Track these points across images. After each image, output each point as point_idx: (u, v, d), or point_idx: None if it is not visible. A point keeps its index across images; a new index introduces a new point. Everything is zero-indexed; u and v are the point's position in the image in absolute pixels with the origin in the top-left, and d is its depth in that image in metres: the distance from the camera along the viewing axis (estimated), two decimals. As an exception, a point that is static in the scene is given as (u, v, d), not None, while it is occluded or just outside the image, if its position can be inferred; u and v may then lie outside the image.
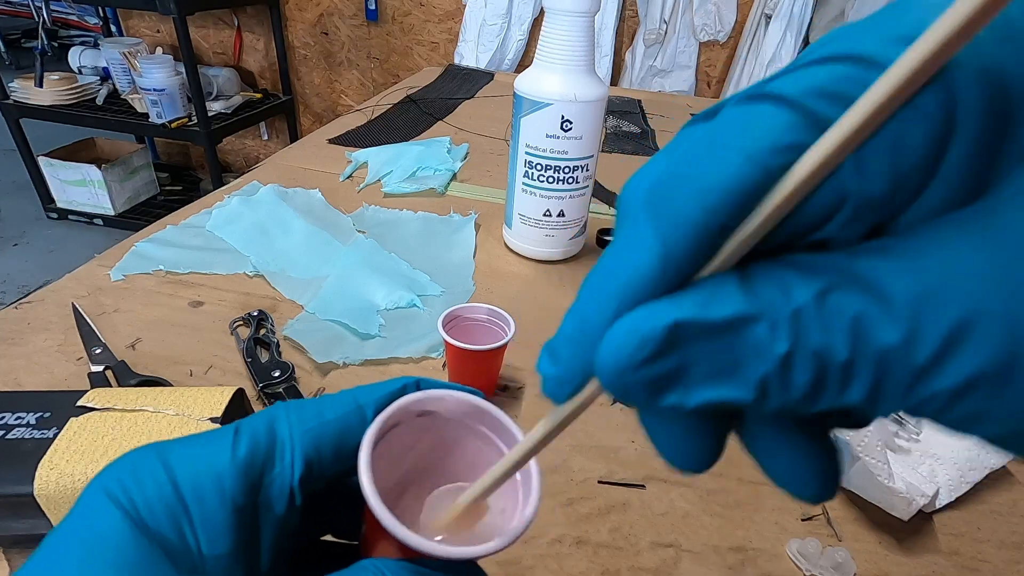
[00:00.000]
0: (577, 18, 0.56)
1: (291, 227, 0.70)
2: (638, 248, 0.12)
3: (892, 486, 0.39)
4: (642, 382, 0.12)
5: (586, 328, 0.13)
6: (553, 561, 0.38)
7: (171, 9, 1.76)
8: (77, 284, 0.59)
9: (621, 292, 0.12)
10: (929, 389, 0.10)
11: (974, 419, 0.10)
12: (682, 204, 0.11)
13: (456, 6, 2.15)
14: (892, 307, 0.10)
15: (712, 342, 0.11)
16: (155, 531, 0.16)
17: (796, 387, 0.11)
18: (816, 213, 0.11)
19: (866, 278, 0.10)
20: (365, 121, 1.10)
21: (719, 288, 0.11)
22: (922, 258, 0.10)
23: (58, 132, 2.22)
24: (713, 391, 0.11)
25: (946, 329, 0.10)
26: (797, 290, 0.11)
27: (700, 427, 0.14)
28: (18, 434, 0.34)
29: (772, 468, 0.14)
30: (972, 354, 0.10)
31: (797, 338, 0.11)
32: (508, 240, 0.72)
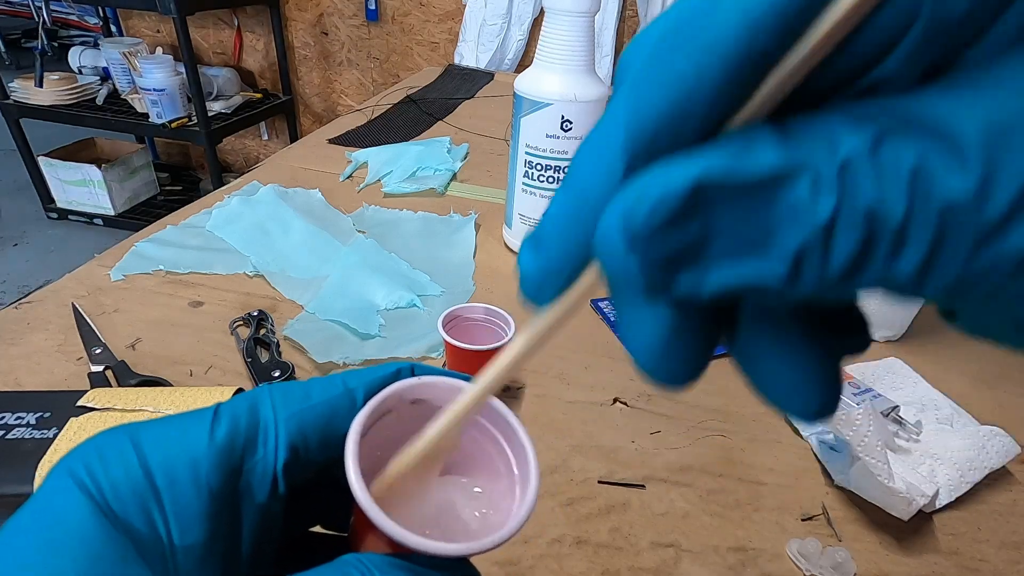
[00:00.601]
0: (577, 18, 0.56)
1: (291, 227, 0.70)
2: (647, 93, 0.09)
3: (892, 486, 0.39)
4: (655, 258, 0.09)
5: (581, 200, 0.11)
6: (553, 561, 0.38)
7: (171, 9, 1.76)
8: (77, 284, 0.59)
9: (632, 143, 0.10)
10: (1002, 250, 0.08)
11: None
12: (721, 25, 0.09)
13: (456, 6, 2.15)
14: (962, 151, 0.08)
15: (742, 205, 0.09)
16: (122, 518, 0.14)
17: (838, 259, 0.09)
18: (879, 37, 0.09)
19: (931, 119, 0.09)
20: (365, 121, 1.10)
21: (755, 139, 0.09)
22: (998, 89, 0.08)
23: (58, 132, 2.22)
24: (737, 270, 0.09)
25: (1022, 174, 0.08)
26: (846, 139, 0.09)
27: (687, 326, 0.11)
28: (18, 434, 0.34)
29: (768, 381, 0.12)
30: None
31: (844, 196, 0.09)
32: (508, 240, 0.72)
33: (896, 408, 0.47)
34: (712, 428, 0.48)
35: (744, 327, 0.12)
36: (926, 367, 0.55)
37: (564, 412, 0.49)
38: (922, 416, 0.48)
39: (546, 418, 0.48)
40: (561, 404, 0.50)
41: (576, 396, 0.51)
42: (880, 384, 0.52)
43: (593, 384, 0.52)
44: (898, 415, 0.46)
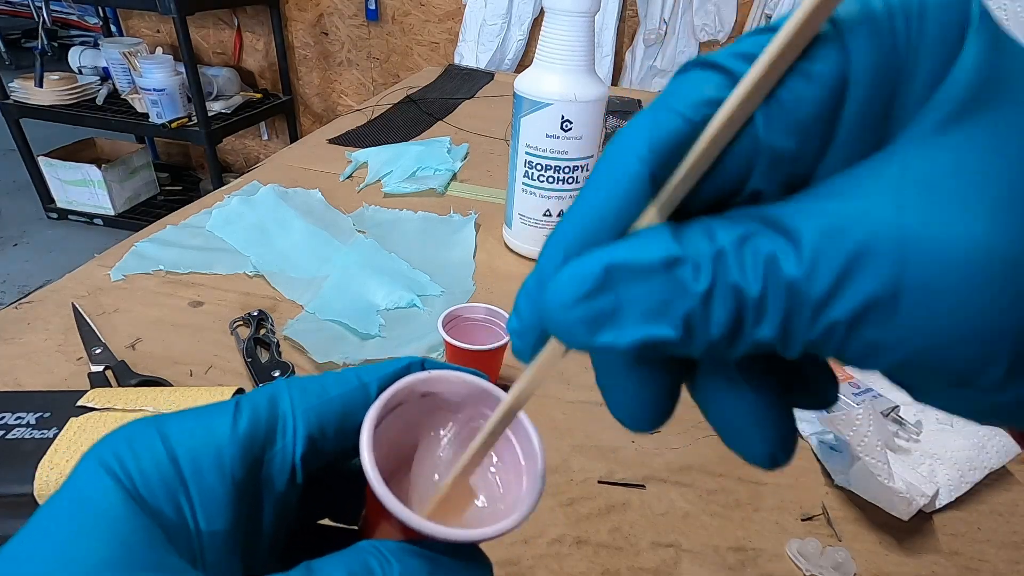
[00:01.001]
0: (577, 18, 0.56)
1: (291, 227, 0.70)
2: (584, 202, 0.13)
3: (892, 486, 0.39)
4: (580, 319, 0.12)
5: (541, 280, 0.14)
6: (553, 561, 0.38)
7: (171, 9, 1.76)
8: (77, 284, 0.59)
9: (567, 244, 0.13)
10: (828, 319, 0.11)
11: (872, 350, 0.11)
12: (619, 157, 0.13)
13: (456, 6, 2.15)
14: (799, 244, 0.11)
15: (643, 283, 0.12)
16: (151, 505, 0.15)
17: (717, 323, 0.12)
18: (737, 165, 0.12)
19: (781, 222, 0.12)
20: (365, 121, 1.10)
21: (652, 236, 0.12)
22: (826, 200, 0.12)
23: (58, 132, 2.22)
24: (644, 329, 0.12)
25: (842, 260, 0.11)
26: (720, 235, 0.12)
27: (650, 382, 0.14)
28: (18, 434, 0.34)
29: (721, 425, 0.15)
30: (864, 283, 0.11)
31: (716, 276, 0.12)
32: (508, 240, 0.72)
33: (896, 408, 0.47)
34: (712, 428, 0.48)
35: (700, 376, 0.15)
36: (926, 367, 0.55)
37: (564, 412, 0.49)
38: (922, 416, 0.48)
39: (546, 418, 0.48)
40: (561, 404, 0.50)
41: (576, 396, 0.51)
42: (880, 384, 0.52)
43: (593, 384, 0.52)
44: (898, 415, 0.46)
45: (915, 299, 0.11)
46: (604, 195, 0.13)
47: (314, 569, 0.15)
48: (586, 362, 0.50)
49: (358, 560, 0.16)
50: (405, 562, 0.16)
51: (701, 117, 0.12)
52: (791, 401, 0.15)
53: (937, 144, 0.11)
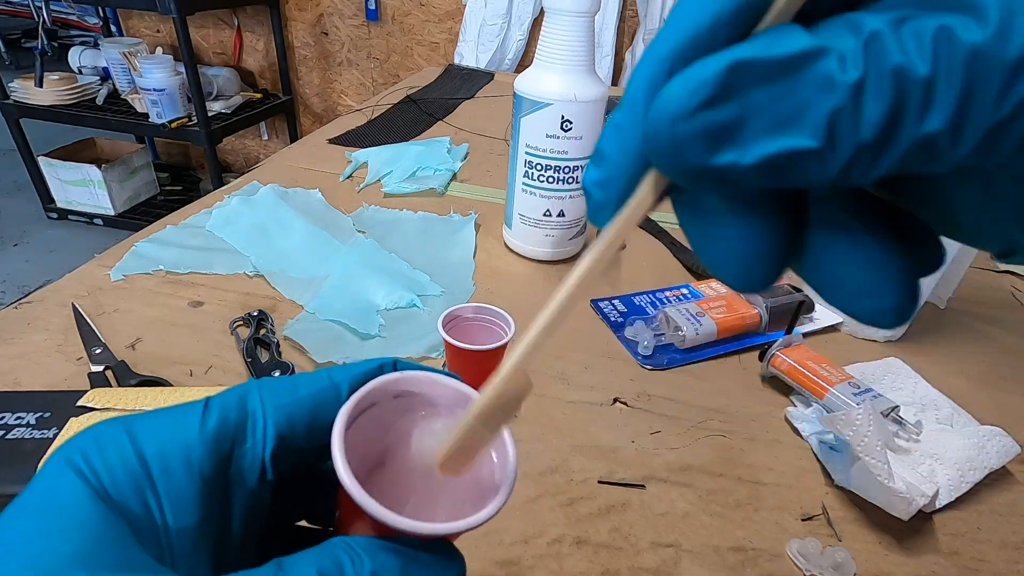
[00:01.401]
0: (577, 18, 0.56)
1: (291, 227, 0.70)
2: (685, 8, 0.11)
3: (892, 486, 0.39)
4: (699, 132, 0.10)
5: (636, 105, 0.11)
6: (553, 561, 0.38)
7: (171, 9, 1.76)
8: (77, 284, 0.59)
9: (673, 53, 0.11)
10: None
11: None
12: None
13: (456, 6, 2.15)
14: (980, 11, 0.09)
15: (775, 85, 0.10)
16: (118, 502, 0.15)
17: (869, 121, 0.10)
18: None
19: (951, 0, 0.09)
20: (365, 121, 1.10)
21: (783, 31, 0.10)
22: None
23: (58, 132, 2.22)
24: (776, 141, 0.10)
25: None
26: (869, 22, 0.10)
27: (762, 226, 0.12)
28: (18, 434, 0.34)
29: (841, 283, 0.12)
30: None
31: (870, 63, 0.09)
32: (508, 240, 0.72)
33: (896, 408, 0.47)
34: (712, 428, 0.48)
35: (812, 232, 0.12)
36: (926, 367, 0.55)
37: (564, 412, 0.49)
38: (922, 416, 0.48)
39: (546, 418, 0.48)
40: (561, 404, 0.50)
41: (576, 396, 0.51)
42: (880, 384, 0.52)
43: (593, 384, 0.52)
44: (898, 415, 0.46)
45: None
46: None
47: (284, 565, 0.15)
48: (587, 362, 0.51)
49: (329, 556, 0.15)
50: (376, 557, 0.16)
51: None
52: (905, 250, 0.13)
53: None
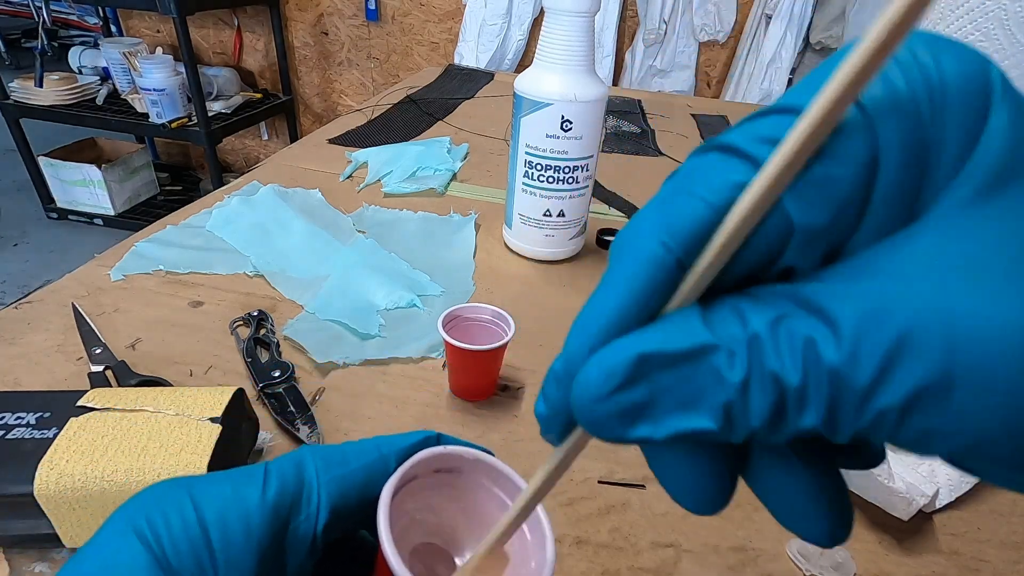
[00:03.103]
0: (577, 18, 0.56)
1: (291, 227, 0.70)
2: (610, 288, 0.13)
3: (892, 486, 0.39)
4: (612, 413, 0.12)
5: (569, 367, 0.13)
6: (553, 561, 0.38)
7: (171, 9, 1.76)
8: (77, 284, 0.59)
9: (595, 330, 0.13)
10: (877, 406, 0.11)
11: (927, 437, 0.11)
12: (644, 243, 0.12)
13: (456, 6, 2.15)
14: (837, 329, 0.11)
15: (676, 372, 0.12)
16: (177, 571, 0.15)
17: (757, 413, 0.11)
18: (769, 243, 0.12)
19: (816, 303, 0.11)
20: (365, 121, 1.10)
21: (683, 320, 0.12)
22: (862, 280, 0.11)
23: (58, 132, 2.22)
24: (681, 421, 0.12)
25: (886, 346, 0.10)
26: (753, 318, 0.12)
27: (706, 465, 0.14)
28: (18, 434, 0.34)
29: (778, 507, 0.14)
30: (912, 369, 0.10)
31: (752, 364, 0.11)
32: (508, 240, 0.72)
33: (896, 408, 0.46)
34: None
35: (752, 459, 0.14)
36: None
37: (564, 412, 0.49)
38: (922, 416, 0.48)
39: (546, 418, 0.48)
40: (561, 404, 0.50)
41: (576, 396, 0.50)
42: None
43: (593, 384, 0.52)
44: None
45: (969, 385, 0.10)
46: (630, 281, 0.13)
47: None
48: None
49: None
50: None
51: (724, 202, 0.12)
52: (839, 463, 0.15)
53: (973, 217, 0.11)
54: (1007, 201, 0.11)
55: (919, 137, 0.11)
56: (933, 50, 0.12)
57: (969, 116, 0.11)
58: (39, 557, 0.35)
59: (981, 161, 0.11)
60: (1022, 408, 0.10)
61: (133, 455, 0.33)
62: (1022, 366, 0.10)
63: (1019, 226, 0.10)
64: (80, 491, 0.32)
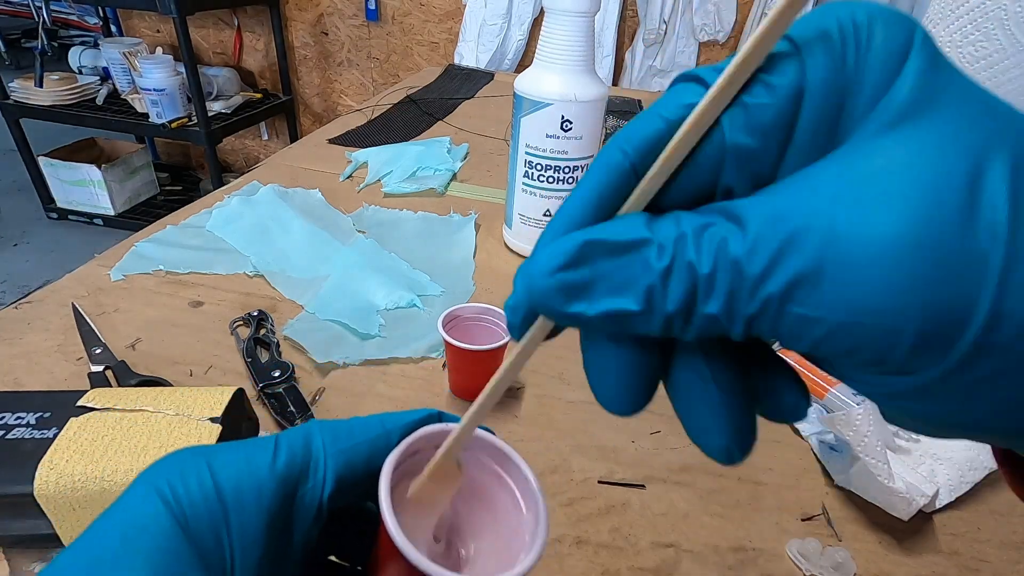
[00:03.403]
0: (577, 18, 0.56)
1: (291, 227, 0.70)
2: (576, 190, 0.15)
3: (892, 486, 0.39)
4: (554, 288, 0.14)
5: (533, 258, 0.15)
6: (553, 561, 0.38)
7: (171, 9, 1.76)
8: (77, 284, 0.59)
9: (557, 225, 0.15)
10: (764, 293, 0.12)
11: (800, 326, 0.12)
12: (607, 150, 0.14)
13: (456, 6, 2.15)
14: (745, 228, 0.13)
15: (614, 260, 0.13)
16: (194, 531, 0.16)
17: (673, 298, 0.13)
18: (708, 161, 0.14)
19: (735, 212, 0.13)
20: (365, 121, 1.10)
21: (628, 220, 0.14)
22: (774, 194, 0.13)
23: (58, 132, 2.22)
24: (611, 302, 0.14)
25: (778, 242, 0.12)
26: (685, 222, 0.13)
27: (629, 364, 0.15)
28: (18, 434, 0.34)
29: (686, 415, 0.16)
30: (793, 261, 0.12)
31: (676, 256, 0.13)
32: (508, 240, 0.72)
33: (896, 408, 0.46)
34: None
35: (674, 367, 0.16)
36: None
37: (564, 412, 0.49)
38: (922, 416, 0.48)
39: (546, 418, 0.48)
40: (561, 404, 0.50)
41: (576, 396, 0.51)
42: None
43: (593, 384, 0.52)
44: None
45: (834, 275, 0.12)
46: (590, 184, 0.15)
47: None
48: (586, 362, 0.48)
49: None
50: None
51: (677, 118, 0.14)
52: (756, 407, 0.16)
53: (874, 145, 0.12)
54: (902, 133, 0.12)
55: (841, 75, 0.13)
56: (868, 14, 0.13)
57: (888, 61, 0.13)
58: (39, 557, 0.35)
59: (890, 101, 0.13)
60: (870, 297, 0.11)
61: (133, 455, 0.33)
62: (874, 260, 0.11)
63: (904, 153, 0.12)
64: (80, 491, 0.32)
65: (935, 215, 0.11)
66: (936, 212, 0.11)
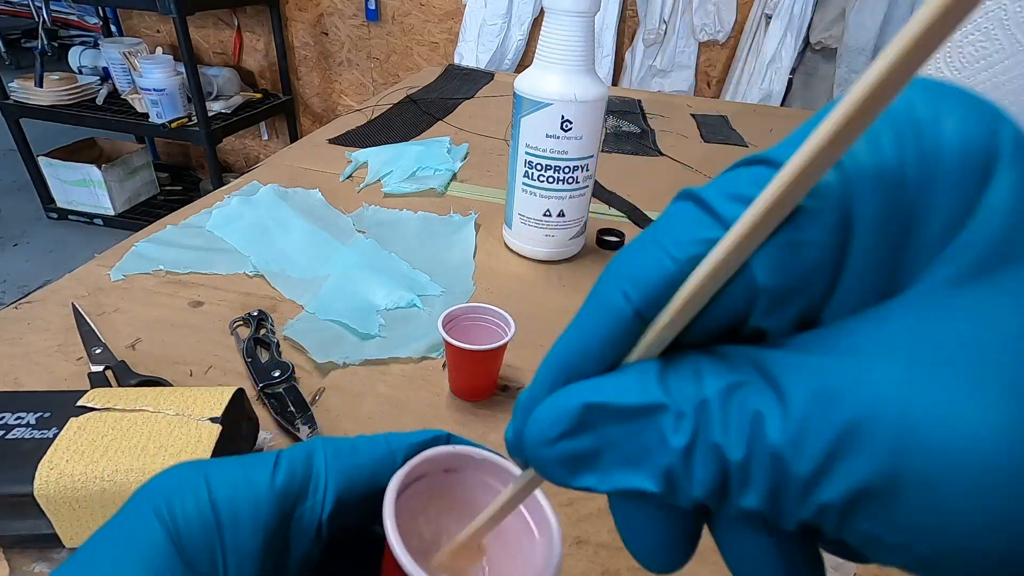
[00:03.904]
0: (577, 18, 0.56)
1: (291, 227, 0.70)
2: (575, 328, 0.13)
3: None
4: (557, 458, 0.12)
5: (531, 403, 0.13)
6: (553, 561, 0.38)
7: (171, 9, 1.76)
8: (77, 284, 0.59)
9: (556, 370, 0.13)
10: (818, 500, 0.09)
11: (875, 544, 0.09)
12: (607, 289, 0.12)
13: (456, 6, 2.15)
14: (786, 405, 0.10)
15: (623, 427, 0.11)
16: (188, 552, 0.16)
17: (699, 483, 0.11)
18: (734, 304, 0.11)
19: (772, 372, 0.10)
20: (365, 121, 1.10)
21: (638, 374, 0.12)
22: (823, 355, 0.10)
23: (58, 132, 2.22)
24: (624, 478, 0.11)
25: (832, 434, 0.09)
26: (708, 381, 0.11)
27: (665, 523, 0.13)
28: (18, 434, 0.34)
29: (739, 570, 0.14)
30: (856, 465, 0.09)
31: (698, 432, 0.10)
32: (508, 240, 0.72)
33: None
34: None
35: (717, 519, 0.13)
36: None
37: (564, 412, 0.49)
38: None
39: (546, 418, 0.48)
40: (561, 404, 0.50)
41: (576, 396, 0.50)
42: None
43: (593, 384, 0.52)
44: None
45: (916, 495, 0.09)
46: (589, 328, 0.12)
47: None
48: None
49: None
50: None
51: (689, 258, 0.11)
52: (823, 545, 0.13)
53: (954, 300, 0.09)
54: (996, 287, 0.09)
55: (901, 204, 0.10)
56: (935, 105, 0.10)
57: (965, 184, 0.10)
58: (39, 557, 0.35)
59: (974, 237, 0.10)
60: (973, 527, 0.08)
61: (133, 455, 0.33)
62: (974, 478, 0.08)
63: (1005, 318, 0.09)
64: (80, 491, 0.32)
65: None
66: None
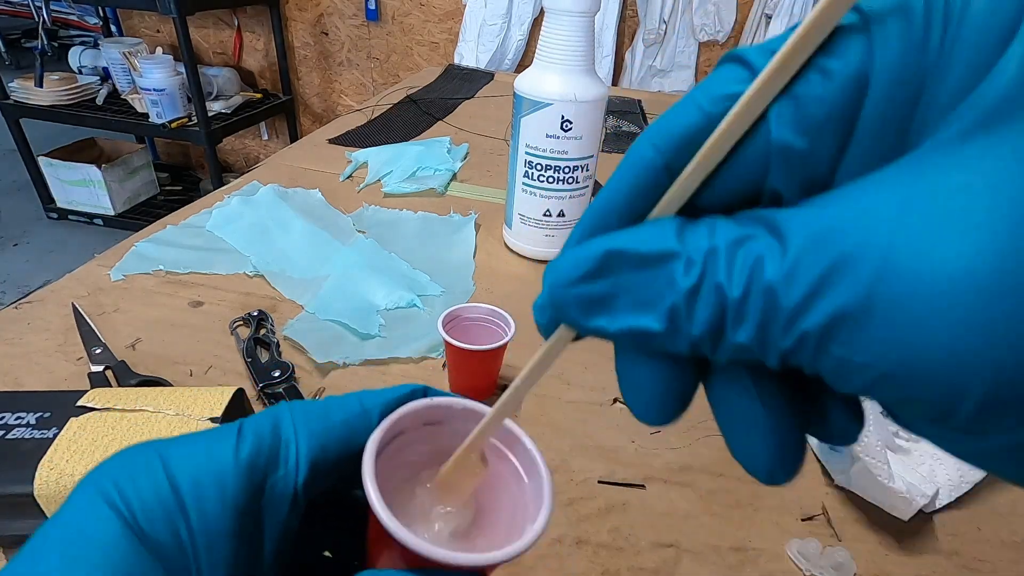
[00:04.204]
0: (577, 18, 0.56)
1: (291, 227, 0.70)
2: (605, 188, 0.13)
3: (892, 486, 0.39)
4: (574, 299, 0.13)
5: (559, 258, 0.14)
6: (553, 561, 0.38)
7: (171, 9, 1.76)
8: (77, 284, 0.59)
9: (584, 227, 0.14)
10: (800, 328, 0.10)
11: (843, 368, 0.10)
12: (639, 145, 0.13)
13: (456, 6, 2.15)
14: (786, 247, 0.11)
15: (638, 273, 0.12)
16: (150, 536, 0.14)
17: (699, 321, 0.12)
18: (752, 161, 0.12)
19: (777, 224, 0.11)
20: (365, 121, 1.10)
21: (656, 227, 0.12)
22: (825, 205, 0.11)
23: (58, 132, 2.22)
24: (633, 319, 0.12)
25: (821, 268, 0.10)
26: (720, 233, 0.12)
27: (662, 376, 0.14)
28: (18, 434, 0.34)
29: (728, 430, 0.14)
30: (836, 294, 0.10)
31: (704, 274, 0.11)
32: (508, 240, 0.72)
33: (896, 408, 0.46)
34: (712, 428, 0.48)
35: (714, 377, 0.14)
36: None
37: (564, 412, 0.49)
38: (922, 416, 0.48)
39: (546, 418, 0.48)
40: (561, 404, 0.50)
41: (576, 396, 0.51)
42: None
43: (593, 384, 0.52)
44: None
45: (885, 315, 0.09)
46: (618, 183, 0.13)
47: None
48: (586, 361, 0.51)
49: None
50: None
51: (719, 110, 0.12)
52: (806, 427, 0.14)
53: (956, 153, 0.10)
54: (995, 140, 0.09)
55: (919, 59, 0.10)
56: None
57: (987, 39, 0.10)
58: (39, 557, 0.35)
59: (985, 92, 0.10)
60: (929, 347, 0.09)
61: (133, 455, 0.33)
62: (936, 301, 0.09)
63: (996, 166, 0.09)
64: (80, 491, 0.32)
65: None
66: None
